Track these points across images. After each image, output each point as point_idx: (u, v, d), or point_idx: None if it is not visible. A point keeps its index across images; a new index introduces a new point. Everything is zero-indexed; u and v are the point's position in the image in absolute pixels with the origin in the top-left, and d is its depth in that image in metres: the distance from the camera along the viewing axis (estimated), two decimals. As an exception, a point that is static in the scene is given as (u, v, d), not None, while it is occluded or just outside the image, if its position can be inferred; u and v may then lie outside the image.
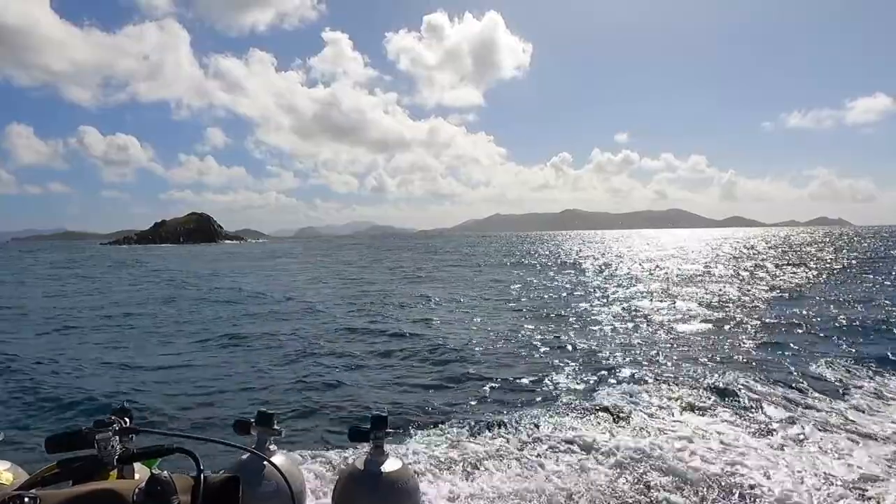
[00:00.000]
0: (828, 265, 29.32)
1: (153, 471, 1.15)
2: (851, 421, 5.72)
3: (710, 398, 6.51)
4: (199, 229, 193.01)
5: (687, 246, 64.24)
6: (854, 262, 31.55)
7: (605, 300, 16.95)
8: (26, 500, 1.03)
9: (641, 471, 4.37)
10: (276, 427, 1.87)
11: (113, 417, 1.31)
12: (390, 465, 1.86)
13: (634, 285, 21.35)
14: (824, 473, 4.36)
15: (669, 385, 7.02)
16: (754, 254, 43.73)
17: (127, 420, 1.34)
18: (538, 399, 6.87)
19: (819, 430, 5.42)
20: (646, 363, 8.55)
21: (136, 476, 1.32)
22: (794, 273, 24.93)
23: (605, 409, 6.03)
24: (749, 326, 11.88)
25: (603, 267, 32.54)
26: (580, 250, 59.78)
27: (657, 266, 31.84)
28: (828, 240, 75.10)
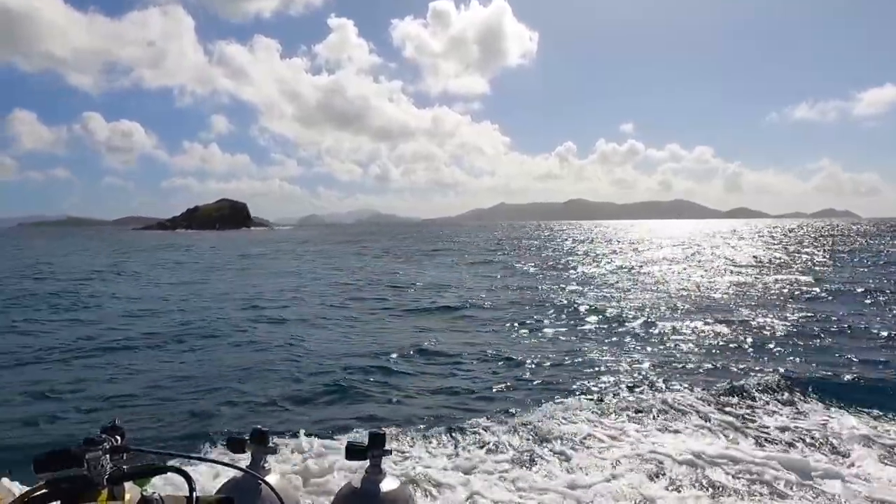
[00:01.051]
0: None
1: (144, 492, 1.18)
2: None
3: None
4: (234, 216, 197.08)
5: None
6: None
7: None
8: None
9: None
10: (271, 445, 1.84)
11: (104, 435, 1.27)
12: (388, 485, 1.83)
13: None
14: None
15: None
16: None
17: (118, 438, 1.30)
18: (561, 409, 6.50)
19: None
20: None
21: (127, 496, 1.26)
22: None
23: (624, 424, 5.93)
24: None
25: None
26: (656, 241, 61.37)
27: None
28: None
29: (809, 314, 12.85)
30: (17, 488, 2.47)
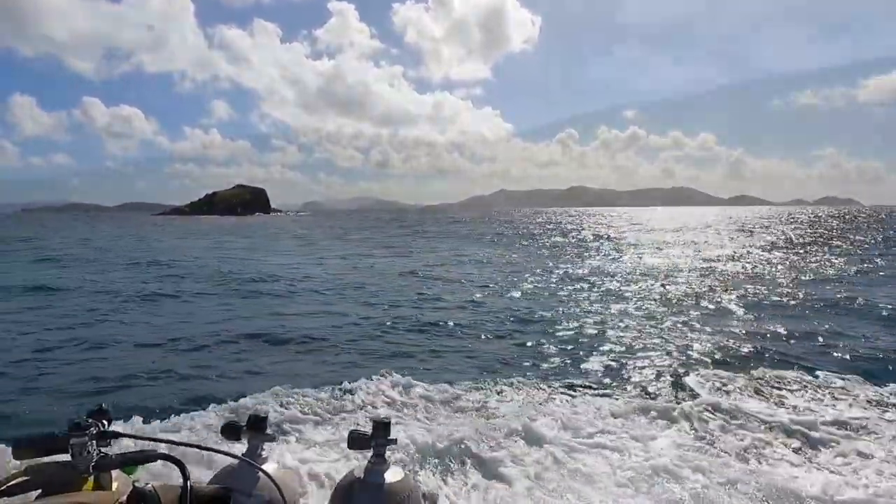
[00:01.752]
0: None
1: (136, 482, 1.11)
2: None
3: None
4: (254, 201, 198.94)
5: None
6: None
7: None
8: None
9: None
10: (269, 432, 1.74)
11: (90, 420, 1.21)
12: (392, 476, 1.75)
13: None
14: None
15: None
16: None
17: (105, 423, 1.24)
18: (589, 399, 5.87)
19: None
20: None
21: (115, 485, 1.21)
22: None
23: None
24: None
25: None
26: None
27: None
28: None
29: None
30: None
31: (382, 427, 1.78)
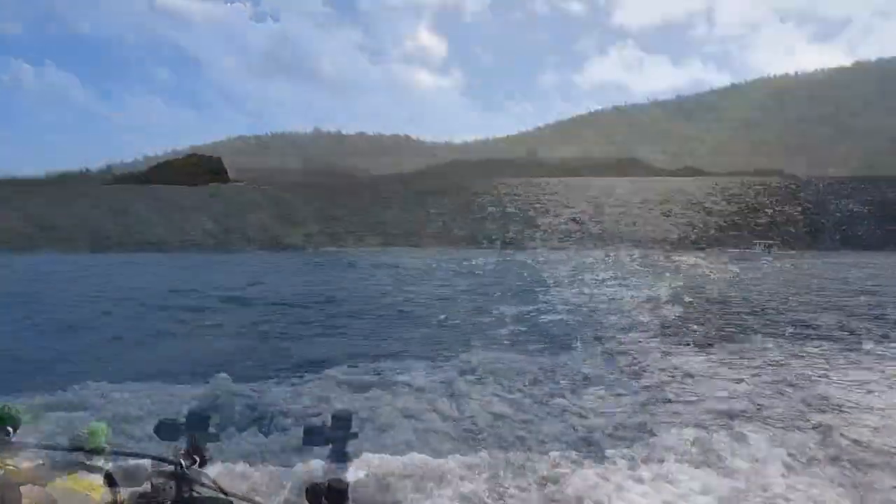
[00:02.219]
0: None
1: (53, 498, 0.97)
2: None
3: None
4: (212, 170, 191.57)
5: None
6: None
7: None
8: None
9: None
10: (212, 430, 1.58)
11: None
12: (354, 475, 1.64)
13: None
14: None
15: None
16: None
17: (11, 430, 1.11)
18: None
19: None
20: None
21: None
22: None
23: None
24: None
25: None
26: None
27: None
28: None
29: None
30: None
31: (342, 420, 1.65)
